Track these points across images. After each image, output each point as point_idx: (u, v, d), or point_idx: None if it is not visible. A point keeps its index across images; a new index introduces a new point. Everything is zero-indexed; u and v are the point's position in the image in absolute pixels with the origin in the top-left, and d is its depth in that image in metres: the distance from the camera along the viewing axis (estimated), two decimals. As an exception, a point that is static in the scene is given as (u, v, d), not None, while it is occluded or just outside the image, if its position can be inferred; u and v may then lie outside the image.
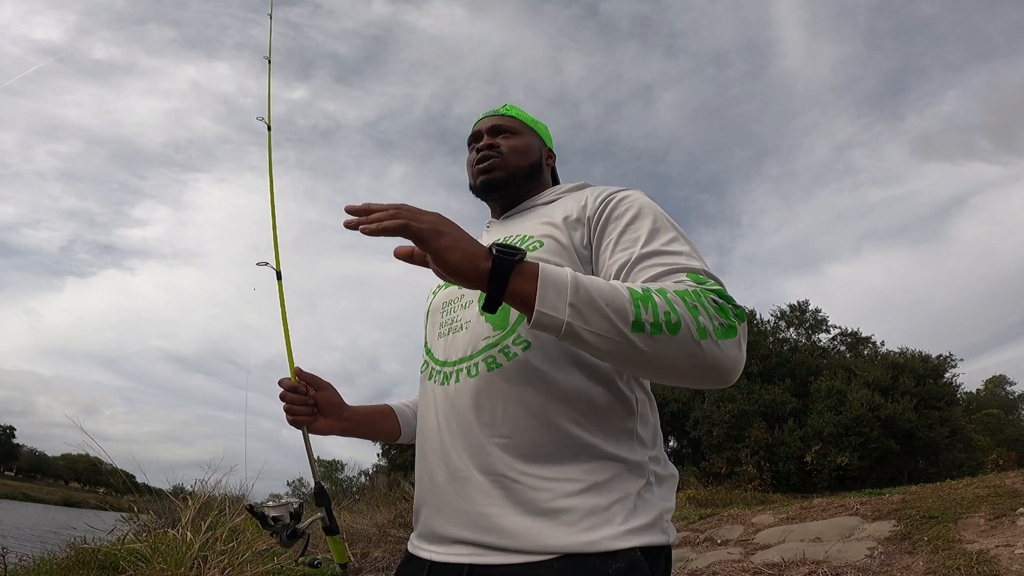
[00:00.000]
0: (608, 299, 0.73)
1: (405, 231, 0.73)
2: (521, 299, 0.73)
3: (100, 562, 3.57)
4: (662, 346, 0.73)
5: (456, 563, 0.85)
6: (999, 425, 26.68)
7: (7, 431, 71.75)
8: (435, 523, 0.91)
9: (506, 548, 0.81)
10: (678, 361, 0.75)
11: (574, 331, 0.72)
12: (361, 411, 1.17)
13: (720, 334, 0.75)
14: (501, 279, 0.73)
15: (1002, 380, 37.47)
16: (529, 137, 1.17)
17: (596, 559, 0.78)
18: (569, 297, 0.72)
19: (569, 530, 0.80)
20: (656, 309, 0.73)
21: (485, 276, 0.73)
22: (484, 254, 0.74)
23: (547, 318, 0.72)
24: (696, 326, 0.74)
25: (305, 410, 1.09)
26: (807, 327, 23.03)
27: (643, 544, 0.82)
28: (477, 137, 1.18)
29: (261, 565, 3.48)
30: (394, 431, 1.20)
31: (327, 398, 1.12)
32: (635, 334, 0.72)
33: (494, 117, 1.18)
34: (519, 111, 1.20)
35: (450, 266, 0.74)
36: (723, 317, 0.77)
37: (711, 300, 0.78)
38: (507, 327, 0.92)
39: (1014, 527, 4.05)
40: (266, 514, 1.01)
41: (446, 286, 1.08)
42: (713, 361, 0.75)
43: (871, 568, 3.83)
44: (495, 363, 0.91)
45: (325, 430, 1.12)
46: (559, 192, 1.12)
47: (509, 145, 1.14)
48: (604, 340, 0.72)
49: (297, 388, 1.09)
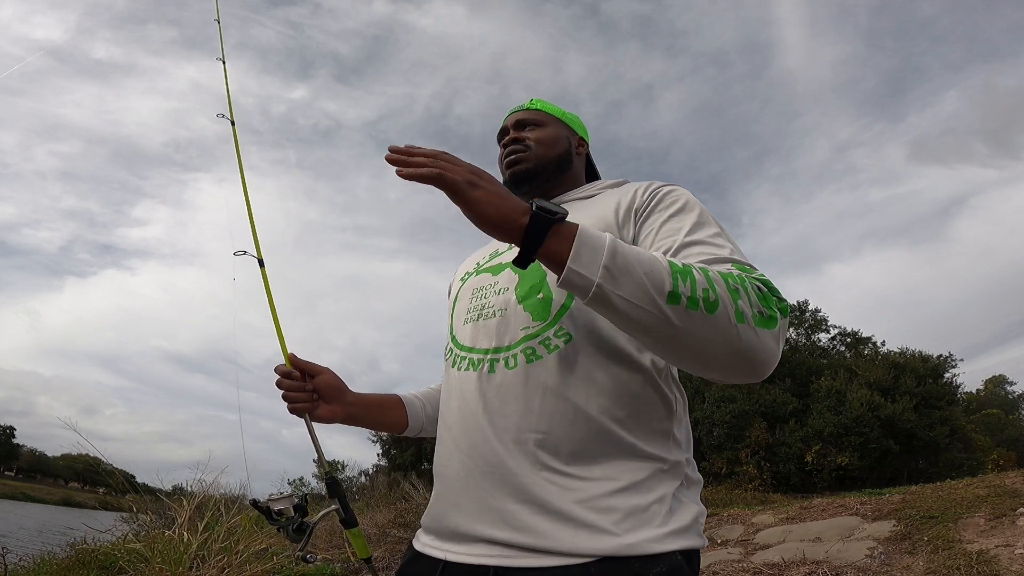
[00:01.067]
0: (646, 267, 0.70)
1: (440, 181, 0.72)
2: (555, 257, 0.71)
3: (100, 562, 3.57)
4: (696, 324, 0.70)
5: (479, 564, 0.80)
6: (999, 425, 26.65)
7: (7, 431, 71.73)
8: (454, 520, 0.86)
9: (538, 549, 0.77)
10: (712, 343, 0.71)
11: (604, 294, 0.69)
12: (367, 398, 1.14)
13: (759, 322, 0.72)
14: (538, 236, 0.71)
15: (1002, 380, 37.45)
16: (555, 127, 1.15)
17: (636, 563, 0.75)
18: (604, 259, 0.69)
19: (607, 532, 0.76)
20: (695, 284, 0.70)
21: (521, 231, 0.71)
22: (523, 209, 0.73)
23: (578, 277, 0.69)
24: (735, 309, 0.71)
25: (303, 396, 1.05)
26: (807, 327, 23.01)
27: (683, 547, 0.78)
28: (503, 133, 1.17)
29: (260, 564, 3.48)
30: (401, 422, 1.17)
31: (326, 382, 1.08)
32: (670, 306, 0.69)
33: (519, 112, 1.17)
34: (545, 103, 1.18)
35: (484, 218, 0.73)
36: (764, 305, 0.74)
37: (755, 287, 0.75)
38: (548, 318, 0.89)
39: (1014, 527, 4.05)
40: (271, 508, 0.99)
41: (477, 272, 1.06)
42: (749, 349, 0.71)
43: (871, 568, 3.82)
44: (535, 355, 0.87)
45: (328, 416, 1.08)
46: (598, 188, 1.09)
47: (535, 137, 1.12)
48: (635, 308, 0.69)
49: (291, 373, 1.06)
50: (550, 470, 0.81)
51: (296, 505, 0.99)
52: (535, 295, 0.92)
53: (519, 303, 0.92)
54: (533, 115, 1.16)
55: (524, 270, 0.83)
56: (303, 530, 0.98)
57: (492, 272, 1.02)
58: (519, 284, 0.95)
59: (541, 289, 0.92)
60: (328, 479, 1.07)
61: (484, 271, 1.04)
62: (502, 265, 1.01)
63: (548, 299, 0.90)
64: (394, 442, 23.46)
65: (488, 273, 1.03)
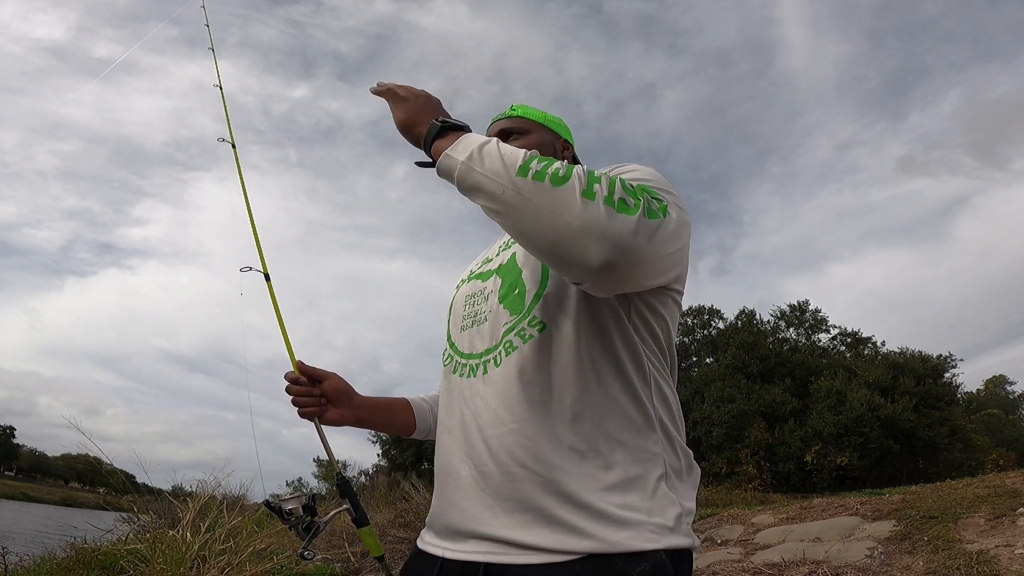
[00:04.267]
0: (507, 150, 0.78)
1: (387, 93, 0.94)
2: (439, 152, 0.82)
3: (100, 562, 3.58)
4: (541, 194, 0.72)
5: (471, 561, 0.82)
6: (999, 425, 26.67)
7: (7, 431, 71.79)
8: (451, 519, 0.88)
9: (525, 546, 0.78)
10: (558, 215, 0.70)
11: (468, 172, 0.77)
12: (375, 401, 1.16)
13: (616, 205, 0.71)
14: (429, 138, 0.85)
15: (1002, 380, 37.44)
16: (539, 133, 1.15)
17: (619, 561, 0.75)
18: (474, 147, 0.79)
19: (592, 530, 0.77)
20: (549, 164, 0.75)
21: (422, 135, 0.86)
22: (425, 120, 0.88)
23: (448, 160, 0.80)
24: (586, 187, 0.71)
25: (311, 401, 1.08)
26: (807, 327, 23.03)
27: (668, 546, 0.78)
28: None
29: (260, 565, 3.49)
30: (409, 424, 1.18)
31: (333, 386, 1.10)
32: (519, 177, 0.74)
33: (502, 120, 1.16)
34: (527, 108, 1.18)
35: (397, 122, 0.91)
36: (628, 194, 0.73)
37: (628, 183, 0.75)
38: (523, 310, 0.90)
39: (1014, 527, 4.05)
40: (282, 507, 1.02)
41: (470, 279, 1.08)
42: (597, 224, 0.69)
43: (871, 568, 3.83)
44: (511, 347, 0.89)
45: (338, 420, 1.10)
46: None
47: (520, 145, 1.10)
48: (490, 181, 0.76)
49: (299, 380, 1.08)
50: (536, 468, 0.81)
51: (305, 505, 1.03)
52: (512, 292, 0.94)
53: (500, 303, 0.95)
54: (517, 123, 1.15)
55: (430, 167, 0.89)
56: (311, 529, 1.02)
57: (482, 278, 1.04)
58: (501, 286, 0.97)
59: (517, 286, 0.94)
60: (339, 479, 1.09)
61: (475, 277, 1.07)
62: (490, 271, 1.03)
63: (522, 293, 0.92)
64: (394, 442, 23.47)
65: (478, 279, 1.05)
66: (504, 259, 1.01)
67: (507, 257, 1.01)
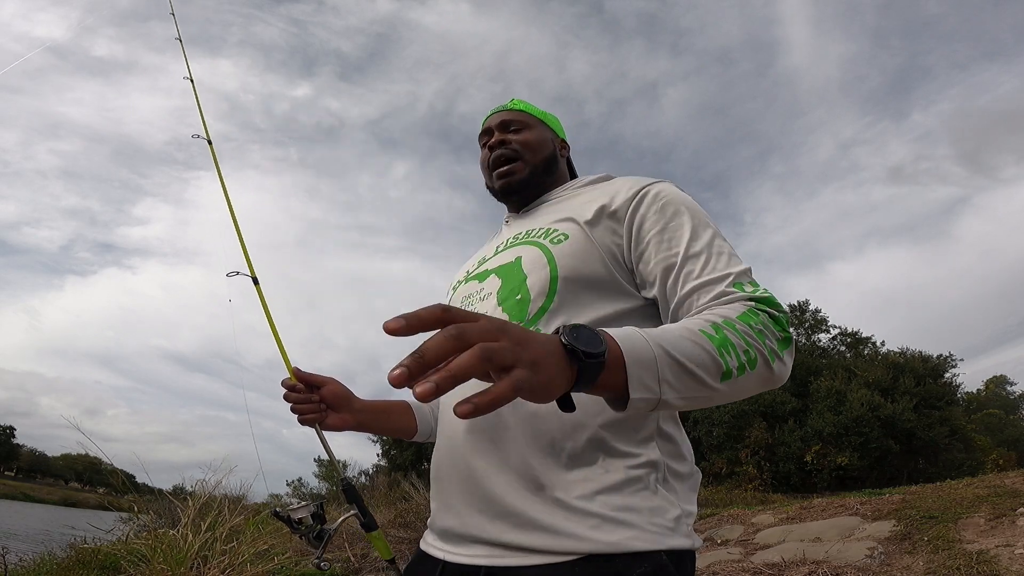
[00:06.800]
0: (696, 359, 0.69)
1: (522, 391, 0.54)
2: (611, 390, 0.64)
3: (100, 562, 3.58)
4: (743, 383, 0.74)
5: (471, 564, 0.82)
6: (999, 425, 26.66)
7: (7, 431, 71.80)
8: (451, 522, 0.88)
9: (526, 548, 0.78)
10: (753, 389, 0.76)
11: (667, 403, 0.68)
12: (375, 404, 1.15)
13: (782, 348, 0.77)
14: (592, 383, 0.61)
15: (1003, 380, 37.45)
16: (540, 129, 1.15)
17: (620, 561, 0.75)
18: (660, 373, 0.66)
19: (592, 531, 0.77)
20: (737, 352, 0.73)
21: (570, 385, 0.60)
22: (566, 363, 0.59)
23: (642, 402, 0.65)
24: (767, 352, 0.75)
25: (310, 408, 1.07)
26: (807, 327, 23.02)
27: (669, 547, 0.79)
28: (488, 134, 1.15)
29: (261, 565, 3.48)
30: (410, 427, 1.17)
31: (332, 392, 1.09)
32: (724, 383, 0.72)
33: (502, 112, 1.16)
34: (527, 104, 1.17)
35: (549, 397, 0.58)
36: (779, 330, 0.78)
37: (767, 315, 0.79)
38: (525, 319, 0.89)
39: (1014, 527, 4.05)
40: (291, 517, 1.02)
41: (466, 280, 1.07)
42: (779, 376, 0.78)
43: (871, 568, 3.83)
44: None
45: (339, 425, 1.09)
46: (581, 184, 1.09)
47: (521, 140, 1.12)
48: (693, 400, 0.71)
49: (296, 387, 1.07)
50: (534, 471, 0.82)
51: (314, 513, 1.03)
52: (514, 297, 0.92)
53: (499, 304, 0.93)
54: (517, 116, 1.14)
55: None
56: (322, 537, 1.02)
57: (479, 279, 1.03)
58: (500, 288, 0.96)
59: (520, 291, 0.92)
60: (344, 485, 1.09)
61: (472, 279, 1.05)
62: (488, 271, 1.02)
63: (526, 300, 0.90)
64: (394, 442, 23.44)
65: (475, 280, 1.04)
66: (505, 260, 1.00)
67: (510, 259, 0.99)
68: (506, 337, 0.54)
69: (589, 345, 0.60)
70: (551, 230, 0.98)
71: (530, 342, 0.56)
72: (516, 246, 1.01)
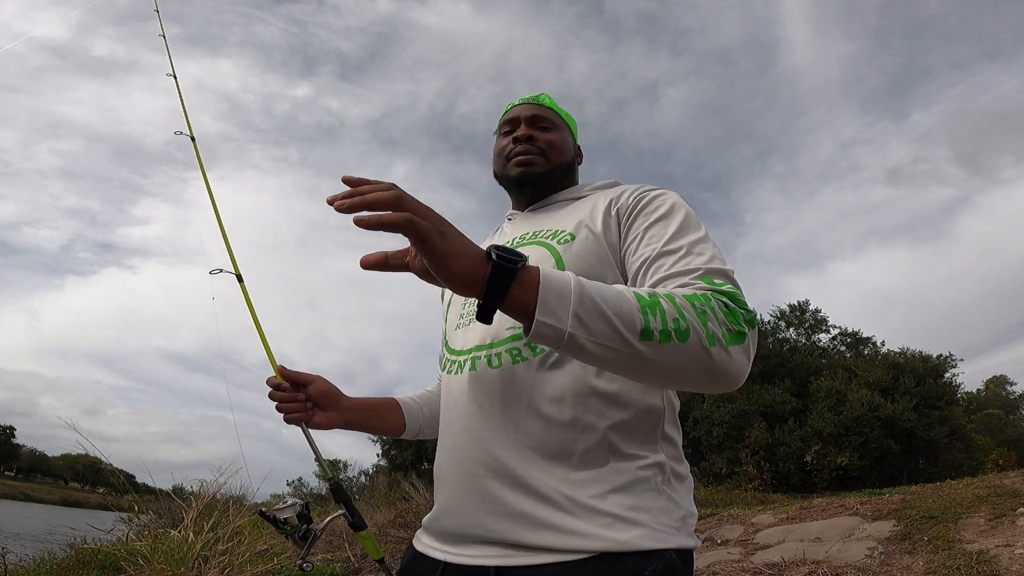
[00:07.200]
0: (615, 306, 0.68)
1: (411, 228, 0.61)
2: (520, 308, 0.66)
3: (100, 562, 3.57)
4: (670, 354, 0.69)
5: (480, 565, 0.81)
6: (999, 425, 26.65)
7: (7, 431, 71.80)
8: (453, 522, 0.87)
9: (536, 547, 0.78)
10: (686, 368, 0.71)
11: (576, 342, 0.66)
12: (364, 402, 1.14)
13: (729, 340, 0.72)
14: (501, 288, 0.64)
15: (1003, 380, 37.47)
16: (565, 133, 1.14)
17: (631, 559, 0.76)
18: (572, 305, 0.66)
19: (603, 530, 0.77)
20: (665, 315, 0.69)
21: (483, 283, 0.65)
22: (483, 258, 0.65)
23: (548, 328, 0.65)
24: (706, 332, 0.70)
25: (296, 407, 1.05)
26: (807, 327, 23.00)
27: (677, 546, 0.80)
28: (514, 124, 1.13)
29: (261, 565, 3.48)
30: (398, 425, 1.17)
31: (319, 389, 1.08)
32: (643, 343, 0.68)
33: (533, 106, 1.14)
34: (554, 102, 1.16)
35: (453, 273, 0.64)
36: (733, 322, 0.73)
37: (721, 304, 0.75)
38: None
39: (1014, 527, 4.05)
40: (276, 517, 1.01)
41: None
42: (722, 368, 0.72)
43: (871, 568, 3.82)
44: (520, 356, 0.87)
45: (326, 423, 1.07)
46: (588, 189, 1.09)
47: (548, 139, 1.11)
48: (608, 350, 0.68)
49: (281, 386, 1.06)
50: (542, 471, 0.82)
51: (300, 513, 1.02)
52: None
53: None
54: (547, 114, 1.13)
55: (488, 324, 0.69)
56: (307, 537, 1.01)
57: None
58: None
59: None
60: (333, 484, 1.08)
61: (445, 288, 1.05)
62: None
63: None
64: (394, 442, 23.44)
65: None
66: None
67: None
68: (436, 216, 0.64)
69: (508, 253, 0.66)
70: (558, 232, 0.98)
71: (448, 224, 0.65)
72: (522, 246, 1.00)
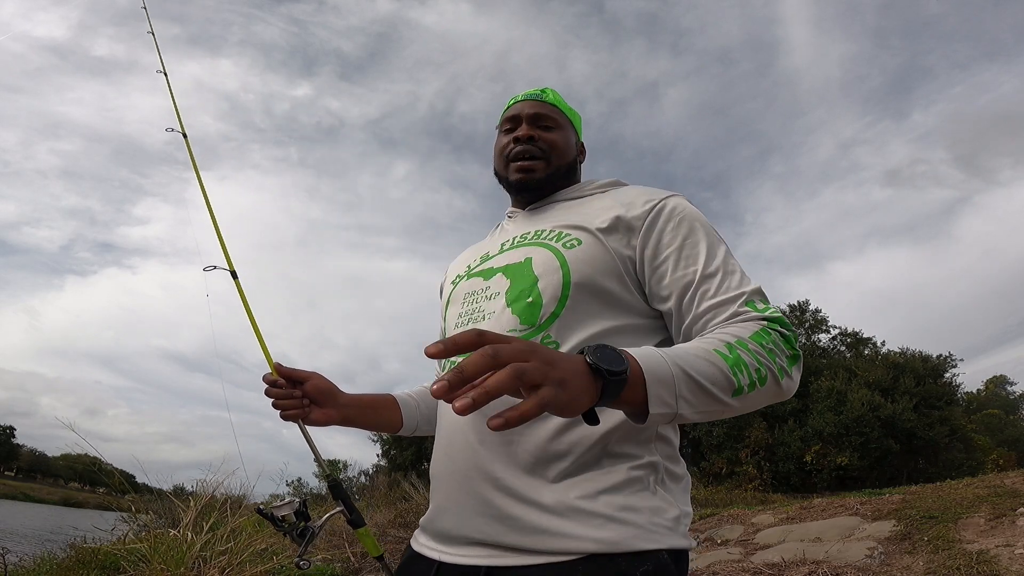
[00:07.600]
0: (711, 377, 0.74)
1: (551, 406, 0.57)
2: (631, 405, 0.68)
3: (100, 562, 3.57)
4: (753, 399, 0.78)
5: (471, 565, 0.82)
6: (999, 425, 26.66)
7: (7, 431, 71.82)
8: (447, 523, 0.88)
9: (527, 549, 0.79)
10: (761, 403, 0.80)
11: (683, 416, 0.73)
12: (360, 399, 1.13)
13: (790, 364, 0.82)
14: (614, 399, 0.65)
15: (1003, 380, 37.43)
16: (568, 131, 1.12)
17: (623, 560, 0.76)
18: (678, 390, 0.71)
19: (595, 530, 0.77)
20: (748, 370, 0.77)
21: (595, 399, 0.63)
22: (590, 377, 0.62)
23: (660, 416, 0.70)
24: (777, 369, 0.80)
25: (292, 403, 1.04)
26: (807, 327, 23.01)
27: (670, 546, 0.80)
28: (516, 122, 1.11)
29: (260, 565, 3.48)
30: (395, 422, 1.16)
31: (315, 386, 1.07)
32: (735, 399, 0.76)
33: (536, 103, 1.11)
34: (559, 98, 1.14)
35: (577, 412, 0.61)
36: (789, 348, 0.83)
37: (778, 334, 0.83)
38: (535, 323, 0.89)
39: (1014, 527, 4.05)
40: (274, 514, 1.01)
41: (468, 276, 1.05)
42: (787, 391, 0.82)
43: (871, 568, 3.83)
44: None
45: (323, 420, 1.07)
46: (590, 188, 1.08)
47: (550, 139, 1.09)
48: (707, 413, 0.75)
49: (276, 382, 1.05)
50: (536, 473, 0.82)
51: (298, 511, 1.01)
52: (524, 299, 0.91)
53: (507, 306, 0.92)
54: (552, 112, 1.11)
55: None
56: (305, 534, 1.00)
57: (484, 276, 1.01)
58: (509, 288, 0.95)
59: (531, 293, 0.91)
60: (331, 482, 1.08)
61: (475, 275, 1.03)
62: (494, 269, 1.01)
63: (537, 304, 0.90)
64: (394, 442, 23.46)
65: (479, 277, 1.02)
66: (514, 259, 0.99)
67: (518, 258, 0.98)
68: (536, 357, 0.58)
69: (612, 364, 0.64)
70: (562, 233, 0.97)
71: (558, 362, 0.60)
72: (525, 246, 1.00)
